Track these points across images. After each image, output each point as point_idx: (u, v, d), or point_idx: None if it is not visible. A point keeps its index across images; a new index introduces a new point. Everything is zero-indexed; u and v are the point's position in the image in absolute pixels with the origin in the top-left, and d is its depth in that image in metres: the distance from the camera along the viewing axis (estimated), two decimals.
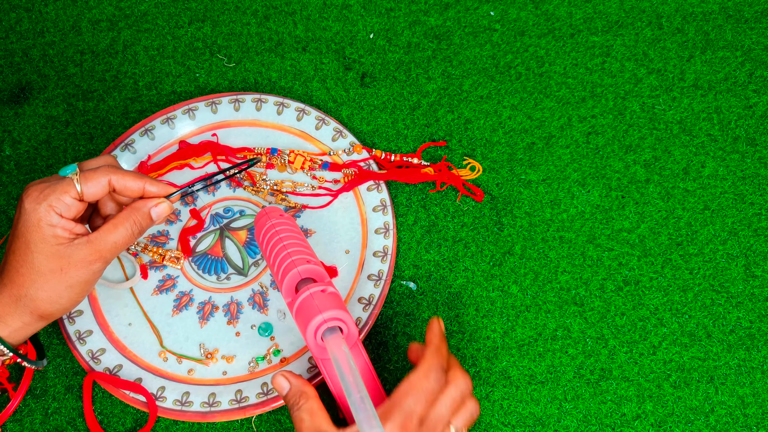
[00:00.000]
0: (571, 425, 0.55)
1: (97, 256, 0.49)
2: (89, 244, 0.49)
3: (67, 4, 0.76)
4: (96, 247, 0.49)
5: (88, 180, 0.49)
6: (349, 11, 0.74)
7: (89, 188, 0.49)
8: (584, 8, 0.73)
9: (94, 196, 0.49)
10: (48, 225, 0.47)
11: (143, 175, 0.51)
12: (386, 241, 0.61)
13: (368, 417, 0.46)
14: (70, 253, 0.48)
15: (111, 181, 0.49)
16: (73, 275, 0.49)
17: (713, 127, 0.67)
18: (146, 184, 0.51)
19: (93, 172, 0.49)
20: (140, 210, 0.51)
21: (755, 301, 0.60)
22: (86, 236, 0.49)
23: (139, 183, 0.50)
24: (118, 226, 0.50)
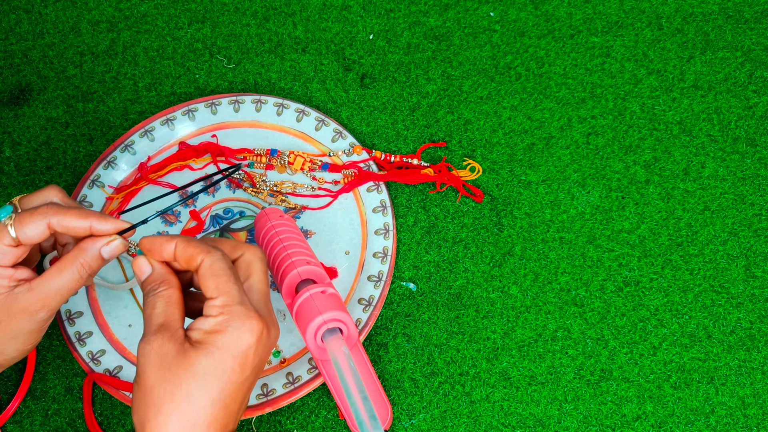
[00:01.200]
0: (571, 426, 0.55)
1: (41, 305, 0.43)
2: (31, 293, 0.43)
3: (66, 6, 0.76)
4: (39, 296, 0.43)
5: (24, 224, 0.43)
6: (348, 12, 0.74)
7: (26, 233, 0.43)
8: (584, 9, 0.73)
9: (32, 240, 0.43)
10: None
11: (89, 212, 0.44)
12: (386, 242, 0.61)
13: (368, 418, 0.46)
14: (9, 303, 0.43)
15: (50, 224, 0.43)
16: (15, 327, 0.43)
17: (713, 127, 0.67)
18: (93, 221, 0.44)
19: (30, 215, 0.43)
20: (88, 250, 0.44)
21: (755, 301, 0.60)
22: (28, 283, 0.44)
23: (83, 222, 0.44)
24: (63, 270, 0.44)
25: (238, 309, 0.41)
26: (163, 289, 0.43)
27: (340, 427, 0.55)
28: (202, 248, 0.43)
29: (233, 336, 0.40)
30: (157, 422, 0.38)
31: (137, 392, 0.40)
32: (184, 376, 0.39)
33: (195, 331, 0.41)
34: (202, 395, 0.39)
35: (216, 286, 0.42)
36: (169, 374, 0.39)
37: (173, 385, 0.39)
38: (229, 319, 0.41)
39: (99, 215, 0.44)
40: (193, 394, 0.39)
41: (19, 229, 0.43)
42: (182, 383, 0.39)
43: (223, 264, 0.42)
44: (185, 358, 0.39)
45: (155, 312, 0.42)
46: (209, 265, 0.42)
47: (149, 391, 0.39)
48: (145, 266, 0.44)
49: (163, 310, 0.42)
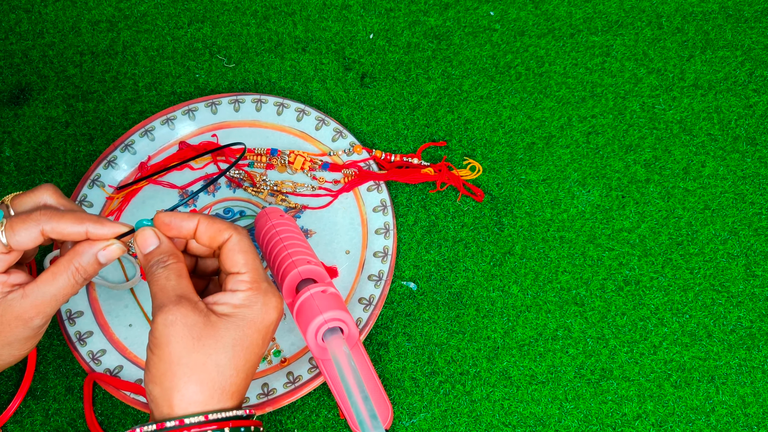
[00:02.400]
0: (571, 425, 0.55)
1: (35, 312, 0.42)
2: (25, 299, 0.42)
3: (66, 5, 0.76)
4: (33, 302, 0.42)
5: (16, 230, 0.41)
6: (348, 11, 0.74)
7: (17, 240, 0.41)
8: (584, 8, 0.73)
9: (24, 246, 0.42)
10: None
11: (86, 216, 0.43)
12: (386, 241, 0.61)
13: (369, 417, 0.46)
14: (3, 310, 0.42)
15: (44, 231, 0.42)
16: (9, 334, 0.42)
17: (713, 126, 0.67)
18: (89, 226, 0.42)
19: (22, 221, 0.41)
20: (84, 255, 0.43)
21: (756, 300, 0.60)
22: (22, 288, 0.42)
23: (79, 228, 0.42)
24: (58, 275, 0.42)
25: (266, 286, 0.43)
26: (173, 262, 0.43)
27: (341, 426, 0.55)
28: (229, 225, 0.44)
29: (261, 311, 0.42)
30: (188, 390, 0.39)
31: (159, 363, 0.40)
32: (214, 346, 0.40)
33: (223, 306, 0.42)
34: (230, 364, 0.40)
35: (245, 262, 0.43)
36: (199, 344, 0.40)
37: (203, 354, 0.40)
38: (256, 294, 0.42)
39: (96, 219, 0.43)
40: (223, 364, 0.40)
41: (10, 235, 0.42)
42: (212, 353, 0.40)
43: (249, 241, 0.44)
44: (214, 330, 0.40)
45: (170, 283, 0.42)
46: (237, 240, 0.43)
47: (176, 361, 0.40)
48: (151, 239, 0.43)
49: (178, 282, 0.42)
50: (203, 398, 0.40)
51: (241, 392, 0.42)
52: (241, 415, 0.40)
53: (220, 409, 0.40)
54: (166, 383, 0.40)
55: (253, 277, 0.43)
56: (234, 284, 0.43)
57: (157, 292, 0.42)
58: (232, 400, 0.41)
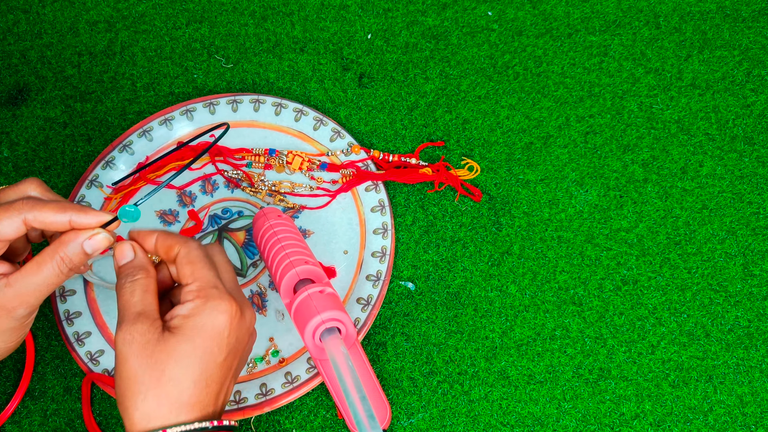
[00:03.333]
0: (570, 425, 0.55)
1: (19, 301, 0.42)
2: (8, 288, 0.41)
3: (64, 6, 0.75)
4: (17, 292, 0.41)
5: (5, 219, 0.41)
6: (346, 12, 0.74)
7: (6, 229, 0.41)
8: (582, 8, 0.73)
9: (6, 236, 0.42)
10: None
11: (69, 205, 0.42)
12: (384, 241, 0.61)
13: (367, 417, 0.46)
14: None
15: (26, 220, 0.41)
16: None
17: (711, 126, 0.67)
18: (72, 215, 0.42)
19: (4, 210, 0.41)
20: (69, 244, 0.42)
21: (753, 300, 0.60)
22: (5, 278, 0.42)
23: (62, 217, 0.42)
24: (42, 265, 0.42)
25: (212, 292, 0.42)
26: (141, 277, 0.43)
27: (339, 426, 0.56)
28: (180, 239, 0.44)
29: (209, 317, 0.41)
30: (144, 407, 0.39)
31: (120, 381, 0.41)
32: (166, 361, 0.40)
33: (174, 319, 0.42)
34: (185, 377, 0.40)
35: (191, 272, 0.43)
36: (152, 360, 0.40)
37: (157, 370, 0.40)
38: (204, 302, 0.41)
39: (79, 208, 0.42)
40: (176, 377, 0.40)
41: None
42: (165, 368, 0.40)
43: (199, 252, 0.44)
44: (166, 344, 0.40)
45: (133, 300, 0.42)
46: (186, 253, 0.43)
47: (133, 378, 0.40)
48: (128, 251, 0.44)
49: (141, 298, 0.42)
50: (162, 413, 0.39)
51: (204, 403, 0.41)
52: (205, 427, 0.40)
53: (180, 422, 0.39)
54: (126, 401, 0.40)
55: (199, 286, 0.42)
56: (183, 296, 0.42)
57: (121, 307, 0.42)
58: (194, 413, 0.40)
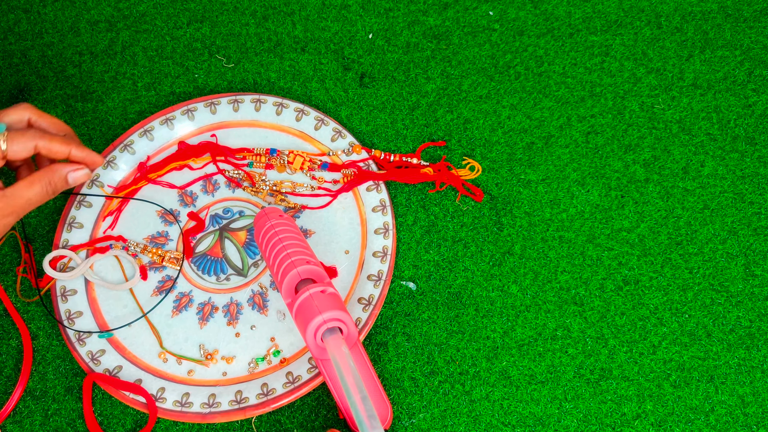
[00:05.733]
0: (571, 425, 0.55)
1: (10, 210, 0.49)
2: (4, 199, 0.48)
3: (65, 5, 0.75)
4: (10, 202, 0.49)
5: (15, 142, 0.48)
6: (347, 11, 0.74)
7: (14, 150, 0.48)
8: (583, 7, 0.73)
9: (18, 156, 0.49)
10: None
11: (70, 140, 0.51)
12: (386, 241, 0.61)
13: (368, 417, 0.46)
14: None
15: (37, 146, 0.49)
16: None
17: (712, 126, 0.67)
18: (73, 149, 0.51)
19: (21, 134, 0.49)
20: (57, 172, 0.51)
21: (755, 300, 0.60)
22: (2, 191, 0.49)
23: (65, 149, 0.50)
24: (35, 183, 0.49)
25: None
26: None
27: (340, 426, 0.55)
28: None
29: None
30: None
31: None
32: None
33: None
34: None
35: None
36: None
37: None
38: None
39: (78, 144, 0.51)
40: None
41: (10, 145, 0.48)
42: None
43: None
44: None
45: None
46: None
47: None
48: None
49: None
50: None
51: None
52: None
53: None
54: None
55: None
56: None
57: None
58: None
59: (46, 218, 0.64)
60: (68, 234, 0.62)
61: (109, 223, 0.63)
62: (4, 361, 0.59)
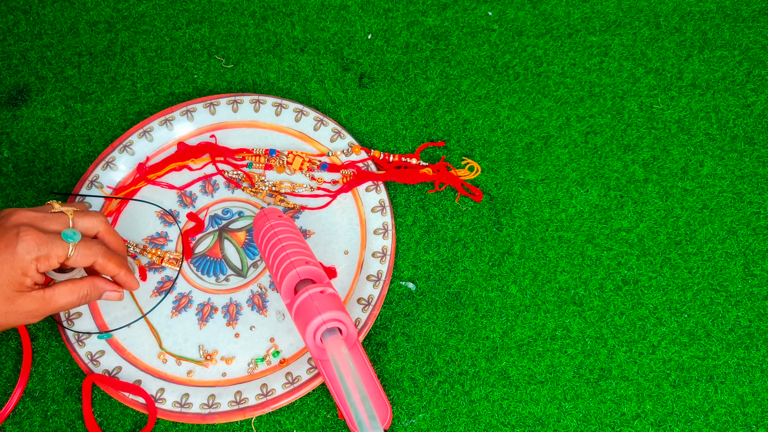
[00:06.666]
0: (570, 425, 0.55)
1: (42, 312, 0.50)
2: (41, 301, 0.49)
3: (64, 6, 0.75)
4: (45, 305, 0.49)
5: (80, 254, 0.50)
6: (347, 12, 0.74)
7: (77, 260, 0.50)
8: (582, 8, 0.73)
9: (76, 265, 0.50)
10: (23, 274, 0.48)
11: (124, 263, 0.53)
12: (385, 241, 0.61)
13: (367, 417, 0.46)
14: (21, 302, 0.48)
15: (97, 262, 0.51)
16: (11, 320, 0.49)
17: (711, 126, 0.67)
18: (122, 272, 0.53)
19: (89, 248, 0.50)
20: (98, 289, 0.52)
21: (754, 299, 0.60)
22: (41, 291, 0.49)
23: (117, 271, 0.52)
24: (74, 293, 0.51)
25: None
26: None
27: (340, 427, 0.55)
28: None
29: None
30: None
31: None
32: None
33: None
34: None
35: None
36: None
37: None
38: None
39: (128, 268, 0.53)
40: None
41: (74, 255, 0.49)
42: None
43: None
44: None
45: None
46: None
47: None
48: None
49: None
50: None
51: None
52: None
53: None
54: None
55: None
56: None
57: None
58: None
59: None
60: None
61: None
62: (3, 362, 0.59)
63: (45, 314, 0.50)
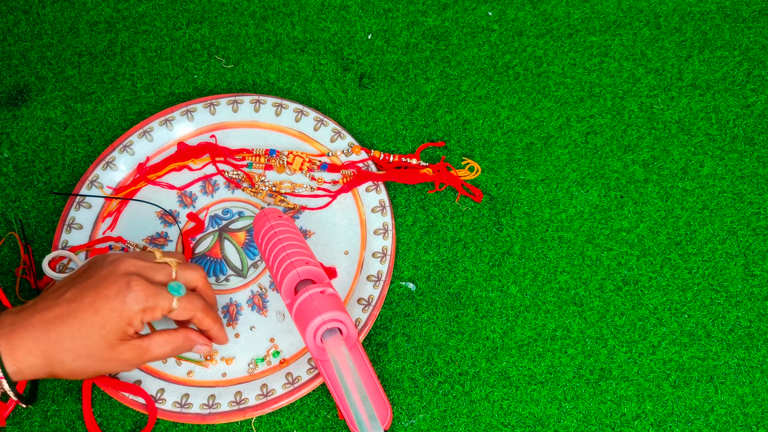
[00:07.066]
0: (571, 425, 0.55)
1: (138, 361, 0.51)
2: (140, 350, 0.51)
3: (64, 6, 0.75)
4: (143, 355, 0.51)
5: (182, 308, 0.51)
6: (347, 12, 0.74)
7: (177, 313, 0.51)
8: (582, 8, 0.73)
9: (176, 317, 0.52)
10: (129, 323, 0.49)
11: (218, 319, 0.54)
12: (385, 241, 0.61)
13: (368, 418, 0.46)
14: (122, 350, 0.50)
15: (195, 317, 0.53)
16: (108, 366, 0.50)
17: (711, 126, 0.67)
18: (215, 327, 0.54)
19: (190, 302, 0.52)
20: (191, 342, 0.54)
21: (754, 300, 0.60)
22: (140, 340, 0.51)
23: (212, 325, 0.54)
24: (169, 344, 0.52)
25: None
26: None
27: (340, 427, 0.55)
28: None
29: None
30: None
31: None
32: None
33: None
34: None
35: None
36: None
37: None
38: None
39: (222, 325, 0.55)
40: None
41: (177, 309, 0.51)
42: None
43: None
44: None
45: None
46: None
47: None
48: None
49: None
50: None
51: None
52: None
53: None
54: None
55: None
56: None
57: None
58: None
59: (45, 219, 0.64)
60: (67, 235, 0.62)
61: (108, 224, 0.63)
62: None
63: (140, 364, 0.51)
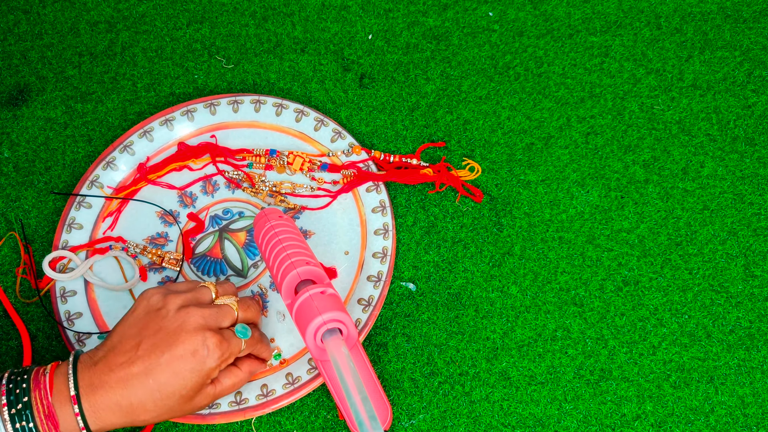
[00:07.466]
0: (571, 426, 0.55)
1: (206, 405, 0.52)
2: (212, 397, 0.51)
3: (65, 6, 0.75)
4: (214, 398, 0.52)
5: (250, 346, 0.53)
6: (347, 12, 0.74)
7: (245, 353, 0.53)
8: (583, 8, 0.73)
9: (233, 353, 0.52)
10: (207, 375, 0.49)
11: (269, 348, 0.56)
12: (385, 242, 0.61)
13: (368, 418, 0.46)
14: (197, 400, 0.50)
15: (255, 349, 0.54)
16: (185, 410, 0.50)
17: (712, 127, 0.67)
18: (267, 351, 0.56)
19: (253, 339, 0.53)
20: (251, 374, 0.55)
21: (755, 300, 0.60)
22: (213, 387, 0.51)
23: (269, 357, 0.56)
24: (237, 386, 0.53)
25: None
26: None
27: (340, 427, 0.55)
28: None
29: None
30: None
31: None
32: None
33: None
34: None
35: None
36: None
37: None
38: None
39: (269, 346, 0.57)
40: None
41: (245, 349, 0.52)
42: None
43: None
44: None
45: None
46: None
47: None
48: None
49: None
50: None
51: None
52: None
53: None
54: None
55: None
56: None
57: None
58: None
59: (45, 219, 0.64)
60: (68, 235, 0.62)
61: (108, 224, 0.63)
62: (3, 362, 0.59)
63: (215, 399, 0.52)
